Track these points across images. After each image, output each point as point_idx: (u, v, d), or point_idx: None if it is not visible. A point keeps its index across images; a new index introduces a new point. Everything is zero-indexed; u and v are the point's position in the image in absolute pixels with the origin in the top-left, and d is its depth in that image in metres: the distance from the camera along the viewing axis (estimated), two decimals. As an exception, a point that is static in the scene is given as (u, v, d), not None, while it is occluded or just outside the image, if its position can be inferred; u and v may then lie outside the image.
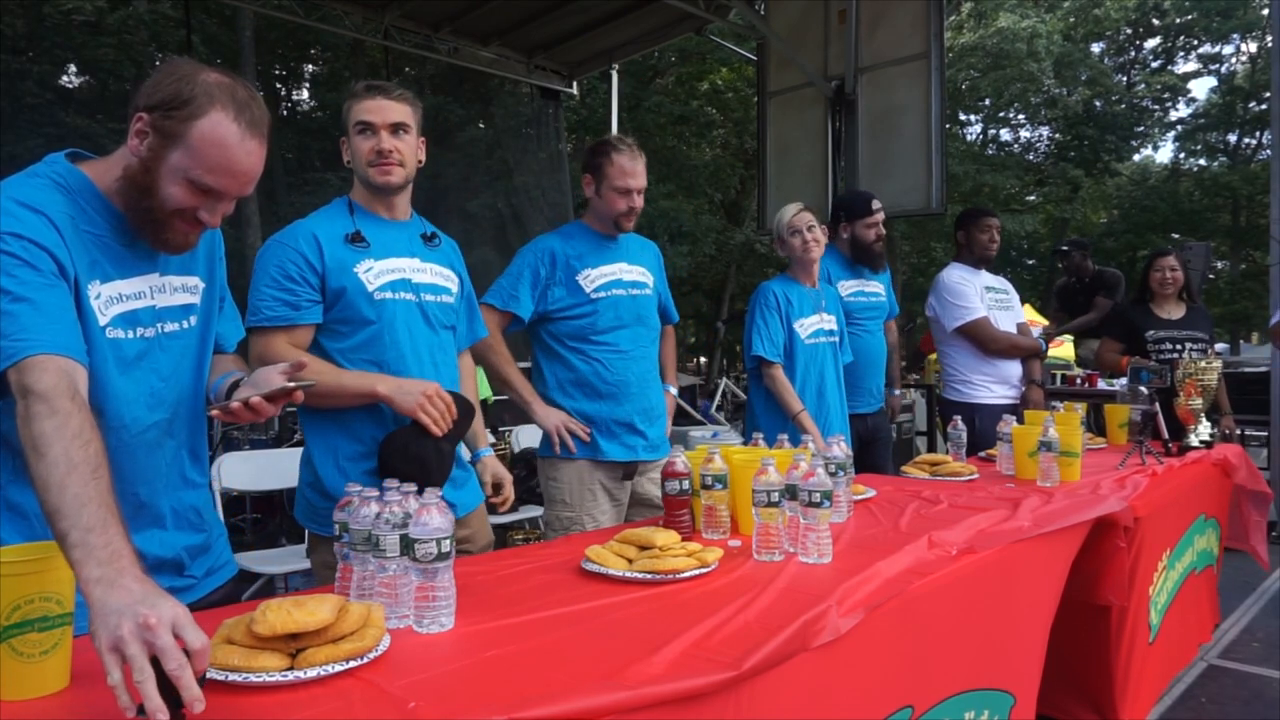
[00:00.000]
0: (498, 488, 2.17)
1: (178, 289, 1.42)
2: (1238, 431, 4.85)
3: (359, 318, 1.85)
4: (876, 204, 3.59)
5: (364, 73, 15.01)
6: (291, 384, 1.35)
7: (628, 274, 2.56)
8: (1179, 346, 3.86)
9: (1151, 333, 4.00)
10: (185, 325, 1.43)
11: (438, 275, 2.00)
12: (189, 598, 1.43)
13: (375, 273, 1.87)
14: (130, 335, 1.32)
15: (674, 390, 2.77)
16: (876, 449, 3.54)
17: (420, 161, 1.98)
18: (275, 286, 1.81)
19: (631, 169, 2.47)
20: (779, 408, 3.03)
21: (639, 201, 2.51)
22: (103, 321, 1.27)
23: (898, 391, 4.09)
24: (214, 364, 1.55)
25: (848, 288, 3.53)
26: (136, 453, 1.35)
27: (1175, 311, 4.09)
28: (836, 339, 3.22)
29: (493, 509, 2.21)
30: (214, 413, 1.34)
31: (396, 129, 1.88)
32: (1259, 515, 3.35)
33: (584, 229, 2.60)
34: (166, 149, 1.24)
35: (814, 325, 3.13)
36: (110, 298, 1.29)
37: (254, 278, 1.85)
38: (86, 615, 0.90)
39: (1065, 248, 6.07)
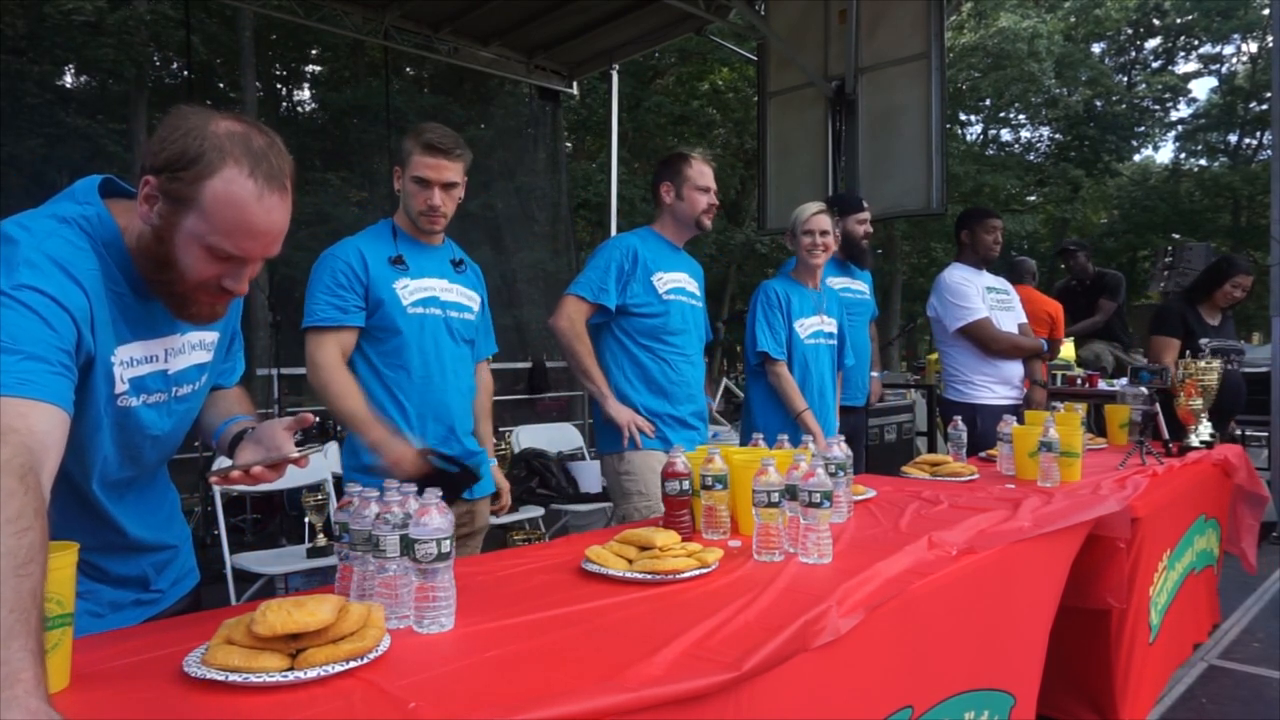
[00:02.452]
0: (496, 495, 2.38)
1: (195, 347, 1.32)
2: (1237, 431, 4.84)
3: (393, 327, 2.10)
4: (866, 204, 3.82)
5: (364, 73, 15.04)
6: (296, 454, 1.27)
7: (689, 285, 2.76)
8: (1228, 360, 3.83)
9: (1206, 341, 3.93)
10: (195, 387, 1.35)
11: (462, 295, 2.25)
12: (155, 609, 1.42)
13: (410, 290, 2.12)
14: (135, 403, 1.23)
15: (713, 402, 2.93)
16: (854, 449, 3.58)
17: (459, 198, 2.17)
18: (327, 293, 2.07)
19: (709, 171, 2.72)
20: (776, 407, 3.03)
21: (716, 201, 2.74)
22: (119, 389, 1.19)
23: (877, 374, 4.14)
24: (212, 400, 1.45)
25: (837, 284, 3.62)
26: (92, 504, 1.27)
27: (1215, 317, 4.07)
28: (835, 342, 3.23)
29: (493, 514, 2.41)
30: (213, 479, 1.28)
31: (448, 187, 2.10)
32: (1252, 519, 3.35)
33: (655, 235, 2.77)
34: (179, 215, 1.11)
35: (814, 326, 3.14)
36: (123, 362, 1.19)
37: (310, 287, 2.10)
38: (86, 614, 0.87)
39: (1071, 247, 6.06)
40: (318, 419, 1.37)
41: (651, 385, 2.64)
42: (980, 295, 3.76)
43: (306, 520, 3.66)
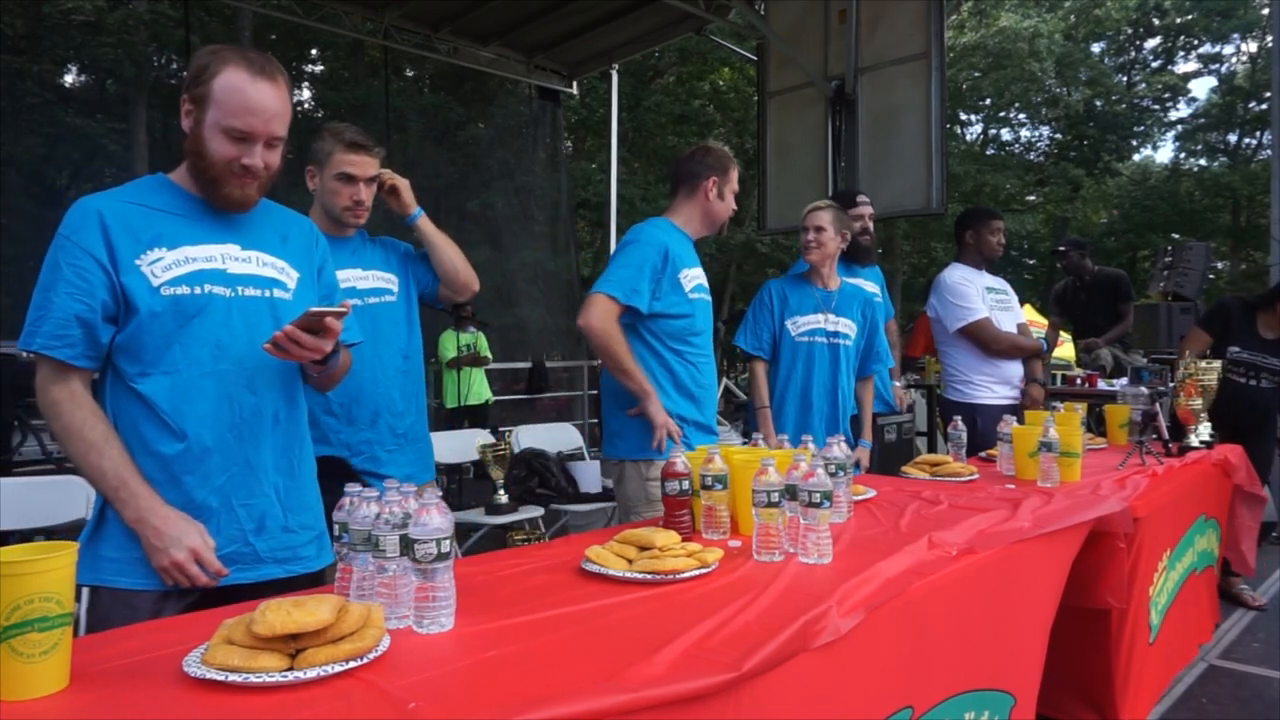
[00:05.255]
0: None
1: (266, 265, 1.60)
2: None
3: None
4: (863, 198, 3.69)
5: (364, 73, 15.04)
6: (316, 309, 1.45)
7: (704, 281, 2.59)
8: (1254, 376, 3.72)
9: (1235, 350, 3.77)
10: (268, 294, 1.58)
11: (379, 280, 2.25)
12: (246, 574, 1.51)
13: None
14: (196, 291, 1.49)
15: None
16: (874, 456, 3.51)
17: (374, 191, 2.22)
18: None
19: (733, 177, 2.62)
20: (777, 407, 3.03)
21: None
22: (156, 282, 1.46)
23: (898, 383, 4.11)
24: None
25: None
26: (192, 394, 1.47)
27: (1273, 331, 3.82)
28: (848, 343, 3.10)
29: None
30: (265, 347, 1.46)
31: (370, 181, 2.16)
32: (1251, 521, 3.35)
33: (675, 228, 2.54)
34: (203, 112, 1.47)
35: (811, 324, 3.08)
36: (176, 261, 1.49)
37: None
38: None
39: (1063, 248, 5.96)
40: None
41: (682, 390, 2.48)
42: (980, 295, 3.75)
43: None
